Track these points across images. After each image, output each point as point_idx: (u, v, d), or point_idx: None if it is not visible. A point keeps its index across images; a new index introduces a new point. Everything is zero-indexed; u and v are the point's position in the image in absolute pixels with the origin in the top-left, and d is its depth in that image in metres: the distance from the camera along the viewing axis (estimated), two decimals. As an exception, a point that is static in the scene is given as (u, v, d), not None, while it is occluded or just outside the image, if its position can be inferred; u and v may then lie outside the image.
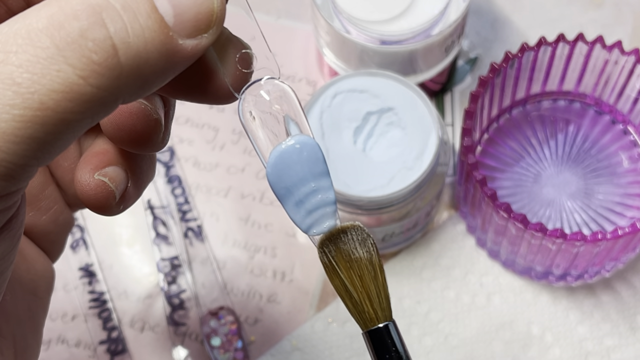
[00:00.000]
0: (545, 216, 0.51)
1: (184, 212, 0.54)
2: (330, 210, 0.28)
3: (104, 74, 0.22)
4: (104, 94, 0.22)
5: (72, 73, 0.22)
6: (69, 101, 0.22)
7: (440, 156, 0.48)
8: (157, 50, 0.23)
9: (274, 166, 0.27)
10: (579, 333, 0.50)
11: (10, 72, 0.22)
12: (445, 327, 0.50)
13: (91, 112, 0.23)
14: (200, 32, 0.24)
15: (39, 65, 0.22)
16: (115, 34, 0.22)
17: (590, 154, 0.52)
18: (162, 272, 0.52)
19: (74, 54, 0.22)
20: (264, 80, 0.27)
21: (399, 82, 0.47)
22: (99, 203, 0.29)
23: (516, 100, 0.53)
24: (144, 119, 0.28)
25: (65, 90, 0.22)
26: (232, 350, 0.50)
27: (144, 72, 0.23)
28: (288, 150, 0.27)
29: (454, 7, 0.50)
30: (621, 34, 0.58)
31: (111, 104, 0.23)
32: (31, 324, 0.33)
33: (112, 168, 0.30)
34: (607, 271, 0.51)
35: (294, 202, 0.28)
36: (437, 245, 0.53)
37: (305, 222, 0.28)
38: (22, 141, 0.22)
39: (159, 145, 0.30)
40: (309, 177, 0.27)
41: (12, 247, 0.25)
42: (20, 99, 0.22)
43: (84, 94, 0.22)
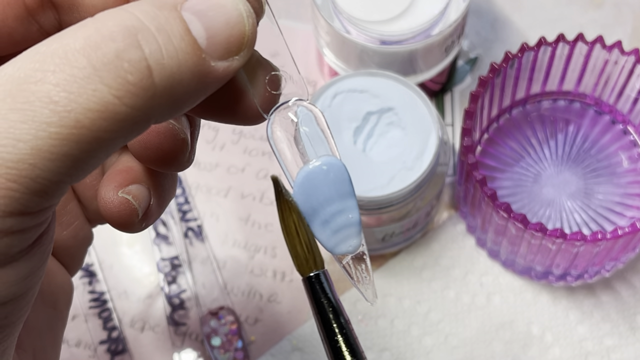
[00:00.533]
0: (545, 216, 0.51)
1: (184, 212, 0.54)
2: (355, 230, 0.29)
3: (139, 94, 0.23)
4: (138, 113, 0.23)
5: (107, 93, 0.22)
6: (104, 120, 0.22)
7: (440, 156, 0.48)
8: (190, 72, 0.24)
9: (300, 186, 0.28)
10: (578, 333, 0.50)
11: (47, 90, 0.22)
12: (446, 327, 0.50)
13: (124, 131, 0.23)
14: (232, 54, 0.24)
15: (75, 85, 0.22)
16: (150, 56, 0.23)
17: (590, 154, 0.52)
18: (162, 272, 0.52)
19: (109, 74, 0.22)
20: (292, 101, 0.28)
21: (399, 82, 0.47)
22: (122, 220, 0.30)
23: (516, 100, 0.53)
24: (172, 138, 0.29)
25: (101, 109, 0.22)
26: (232, 350, 0.50)
27: (177, 93, 0.24)
28: (315, 171, 0.28)
29: (454, 7, 0.50)
30: (621, 34, 0.58)
31: (144, 123, 0.24)
32: (50, 337, 0.33)
33: (135, 186, 0.30)
34: (607, 271, 0.51)
35: (320, 222, 0.28)
36: (437, 245, 0.53)
37: (330, 241, 0.29)
38: (58, 158, 0.22)
39: (184, 164, 0.30)
40: (335, 197, 0.28)
41: (42, 263, 0.26)
42: (57, 117, 0.22)
43: (119, 114, 0.22)
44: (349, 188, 0.28)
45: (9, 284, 0.24)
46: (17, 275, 0.24)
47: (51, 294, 0.34)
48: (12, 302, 0.25)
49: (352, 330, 0.30)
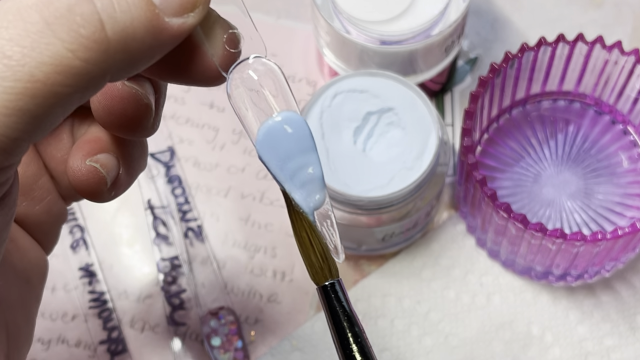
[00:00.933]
0: (545, 216, 0.51)
1: (184, 212, 0.54)
2: (318, 185, 0.29)
3: (92, 47, 0.23)
4: (92, 67, 0.23)
5: (60, 46, 0.23)
6: (58, 74, 0.23)
7: (440, 156, 0.48)
8: (144, 27, 0.24)
9: (261, 143, 0.28)
10: (578, 333, 0.50)
11: (1, 46, 0.22)
12: (445, 327, 0.50)
13: (80, 86, 0.23)
14: (186, 11, 0.25)
15: (28, 39, 0.22)
16: (102, 9, 0.23)
17: (590, 154, 0.52)
18: (162, 272, 0.52)
19: (62, 28, 0.23)
20: (251, 59, 0.28)
21: (399, 82, 0.47)
22: (90, 189, 0.30)
23: (516, 101, 0.53)
24: (135, 103, 0.29)
25: (55, 63, 0.23)
26: (232, 350, 0.50)
27: (131, 48, 0.24)
28: (275, 127, 0.28)
29: (454, 7, 0.50)
30: (621, 34, 0.58)
31: (99, 78, 0.24)
32: (23, 312, 0.33)
33: (103, 155, 0.30)
34: (607, 271, 0.51)
35: (286, 178, 0.28)
36: (437, 245, 0.53)
37: (297, 195, 0.29)
38: (13, 113, 0.22)
39: (149, 130, 0.30)
40: (296, 152, 0.28)
41: (6, 225, 0.26)
42: (10, 71, 0.22)
43: (73, 67, 0.23)
44: (309, 142, 0.28)
45: None
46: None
47: (24, 269, 0.33)
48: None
49: (366, 339, 0.30)
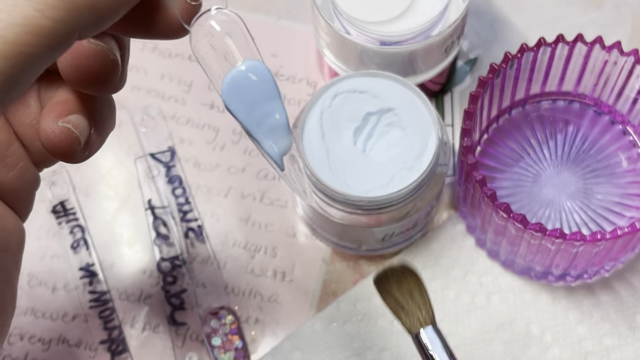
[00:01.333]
0: (544, 216, 0.51)
1: (185, 213, 0.54)
2: (284, 131, 0.29)
3: (59, 6, 0.23)
4: (61, 26, 0.24)
5: (29, 7, 0.23)
6: (28, 34, 0.23)
7: (440, 156, 0.48)
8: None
9: (227, 92, 0.28)
10: (578, 333, 0.50)
11: None
12: (445, 326, 0.50)
13: (50, 44, 0.24)
14: None
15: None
16: None
17: (590, 155, 0.52)
18: (162, 272, 0.52)
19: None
20: (213, 10, 0.28)
21: (398, 82, 0.48)
22: (64, 149, 0.30)
23: (516, 101, 0.53)
24: (101, 59, 0.29)
25: (24, 23, 0.23)
26: (233, 350, 0.50)
27: (97, 4, 0.24)
28: (239, 75, 0.28)
29: (454, 7, 0.50)
30: (620, 35, 0.58)
31: (68, 36, 0.24)
32: (3, 278, 0.33)
33: (75, 116, 0.31)
34: (607, 271, 0.51)
35: (253, 125, 0.29)
36: (436, 245, 0.53)
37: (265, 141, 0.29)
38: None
39: (117, 85, 0.31)
40: (261, 99, 0.29)
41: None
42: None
43: (42, 27, 0.23)
44: (273, 89, 0.29)
45: None
46: None
47: (2, 236, 0.34)
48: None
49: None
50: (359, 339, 0.50)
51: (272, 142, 0.29)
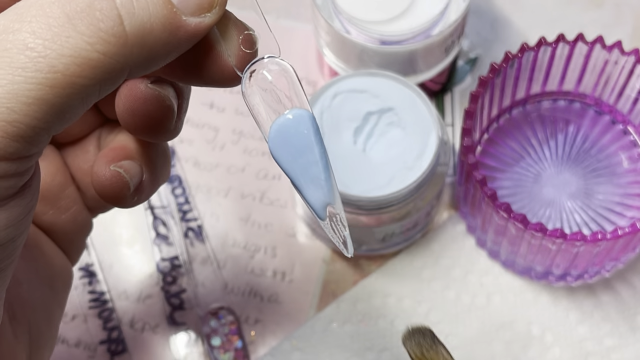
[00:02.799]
0: (545, 216, 0.51)
1: (184, 212, 0.54)
2: (326, 181, 0.30)
3: (110, 41, 0.24)
4: (110, 60, 0.24)
5: (80, 39, 0.24)
6: (77, 65, 0.24)
7: (440, 156, 0.48)
8: (161, 23, 0.25)
9: (274, 140, 0.29)
10: (579, 333, 0.50)
11: (23, 38, 0.24)
12: (446, 327, 0.50)
13: (98, 78, 0.24)
14: (204, 10, 0.26)
15: (50, 33, 0.23)
16: (121, 5, 0.24)
17: (590, 154, 0.52)
18: (162, 272, 0.52)
19: (82, 22, 0.24)
20: (265, 59, 0.29)
21: (399, 82, 0.47)
22: (113, 193, 0.31)
23: (516, 101, 0.53)
24: (158, 105, 0.30)
25: (74, 54, 0.24)
26: (232, 350, 0.50)
27: (148, 43, 0.25)
28: (286, 124, 0.29)
29: (454, 7, 0.50)
30: (621, 34, 0.58)
31: (117, 72, 0.25)
32: (46, 315, 0.34)
33: (127, 161, 0.32)
34: (607, 271, 0.51)
35: (296, 173, 0.29)
36: (437, 246, 0.53)
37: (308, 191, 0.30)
38: (33, 102, 0.23)
39: (171, 133, 0.31)
40: (306, 149, 0.29)
41: (25, 215, 0.27)
42: (32, 62, 0.23)
43: (91, 59, 0.24)
44: (318, 139, 0.29)
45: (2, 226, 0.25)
46: (7, 218, 0.25)
47: (48, 275, 0.34)
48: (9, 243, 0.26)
49: None
50: (359, 339, 0.50)
51: (313, 191, 0.30)
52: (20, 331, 0.32)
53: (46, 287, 0.34)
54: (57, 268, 0.35)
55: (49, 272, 0.35)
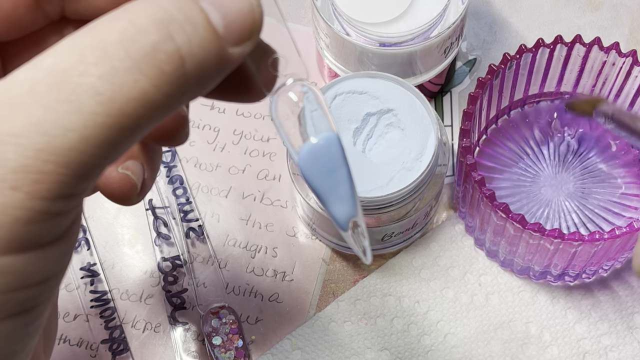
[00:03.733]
0: (543, 216, 0.51)
1: (186, 212, 0.54)
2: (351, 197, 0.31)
3: (173, 82, 0.25)
4: (171, 100, 0.25)
5: (147, 83, 0.24)
6: (144, 108, 0.24)
7: (439, 157, 0.48)
8: (214, 58, 0.26)
9: (304, 161, 0.30)
10: (576, 332, 0.50)
11: (92, 82, 0.24)
12: (444, 326, 0.51)
13: (160, 117, 0.25)
14: (245, 40, 0.27)
15: (117, 77, 0.24)
16: (182, 46, 0.25)
17: (588, 155, 0.53)
18: (163, 272, 0.53)
19: (148, 66, 0.24)
20: (293, 81, 0.30)
21: (398, 83, 0.48)
22: (122, 194, 0.32)
23: (514, 102, 0.53)
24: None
25: (141, 98, 0.24)
26: (233, 350, 0.50)
27: (203, 79, 0.26)
28: (315, 147, 0.30)
29: (453, 9, 0.50)
30: (618, 36, 0.58)
31: (174, 108, 0.26)
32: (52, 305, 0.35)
33: (131, 162, 0.33)
34: (605, 271, 0.51)
35: (326, 192, 0.31)
36: (436, 246, 0.53)
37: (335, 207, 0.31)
38: (102, 145, 0.24)
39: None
40: (334, 169, 0.30)
41: (75, 242, 0.27)
42: (102, 107, 0.24)
43: (156, 102, 0.24)
44: (344, 160, 0.30)
45: (53, 261, 0.26)
46: (59, 253, 0.26)
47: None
48: (54, 279, 0.26)
49: None
50: (359, 338, 0.51)
51: (339, 206, 0.31)
52: None
53: None
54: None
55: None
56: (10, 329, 0.25)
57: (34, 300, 0.26)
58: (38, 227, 0.24)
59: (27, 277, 0.25)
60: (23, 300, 0.25)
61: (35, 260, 0.25)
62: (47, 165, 0.24)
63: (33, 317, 0.26)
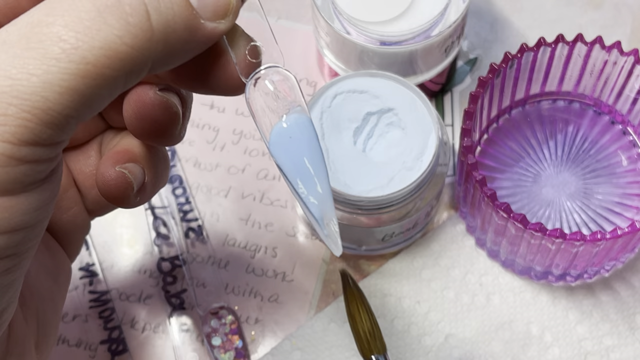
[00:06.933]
0: (544, 216, 0.51)
1: (185, 212, 0.54)
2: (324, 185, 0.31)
3: (138, 35, 0.25)
4: (137, 53, 0.26)
5: (110, 32, 0.25)
6: (107, 57, 0.25)
7: (440, 156, 0.48)
8: (184, 23, 0.27)
9: (274, 144, 0.30)
10: (578, 333, 0.50)
11: (57, 31, 0.25)
12: (445, 327, 0.51)
13: (125, 70, 0.26)
14: (219, 17, 0.28)
15: (82, 25, 0.25)
16: (148, 2, 0.26)
17: (590, 155, 0.52)
18: (162, 272, 0.52)
19: (112, 16, 0.25)
20: (269, 68, 0.31)
21: (398, 82, 0.48)
22: (118, 193, 0.33)
23: (515, 101, 0.53)
24: (165, 110, 0.32)
25: (104, 47, 0.25)
26: (233, 350, 0.50)
27: (171, 40, 0.27)
28: (284, 130, 0.30)
29: (454, 8, 0.50)
30: (620, 35, 0.58)
31: (142, 65, 0.26)
32: (51, 305, 0.36)
33: (131, 164, 0.33)
34: (607, 271, 0.51)
35: (295, 177, 0.31)
36: (436, 246, 0.53)
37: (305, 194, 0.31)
38: (66, 92, 0.25)
39: (176, 138, 0.34)
40: (304, 153, 0.30)
41: (51, 200, 0.28)
42: (65, 54, 0.25)
43: (120, 52, 0.25)
44: (315, 144, 0.31)
45: (21, 212, 0.26)
46: (29, 205, 0.26)
47: (53, 267, 0.36)
48: (23, 231, 0.27)
49: None
50: (359, 339, 0.50)
51: (312, 196, 0.31)
52: (29, 316, 0.34)
53: (51, 279, 0.36)
54: (59, 263, 0.37)
55: (53, 266, 0.36)
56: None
57: (4, 250, 0.26)
58: (2, 171, 0.25)
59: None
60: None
61: (1, 207, 0.26)
62: (10, 108, 0.24)
63: (4, 267, 0.27)
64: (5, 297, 0.28)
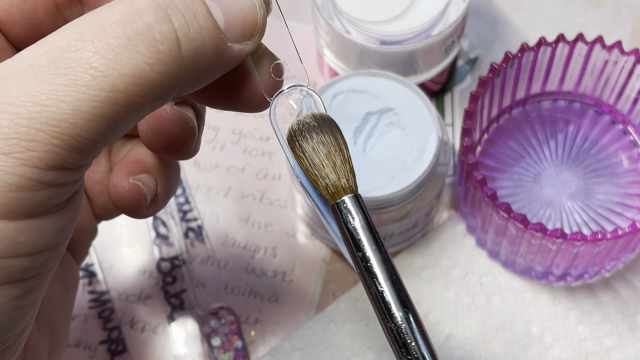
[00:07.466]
0: (545, 216, 0.51)
1: (185, 212, 0.54)
2: None
3: (168, 62, 0.25)
4: (166, 81, 0.26)
5: (140, 60, 0.25)
6: (137, 85, 0.25)
7: (440, 156, 0.48)
8: (212, 47, 0.27)
9: (297, 167, 0.31)
10: (578, 333, 0.50)
11: (87, 57, 0.25)
12: (445, 327, 0.50)
13: (153, 96, 0.26)
14: (245, 38, 0.28)
15: (112, 53, 0.25)
16: (179, 29, 0.26)
17: (590, 154, 0.52)
18: (162, 272, 0.52)
19: (143, 44, 0.25)
20: (293, 87, 0.31)
21: (398, 82, 0.47)
22: (131, 205, 0.33)
23: (516, 101, 0.53)
24: (181, 125, 0.32)
25: (134, 74, 0.25)
26: (232, 350, 0.50)
27: (200, 66, 0.26)
28: None
29: (454, 7, 0.50)
30: (621, 34, 0.58)
31: (170, 91, 0.26)
32: (62, 313, 0.36)
33: (144, 175, 0.33)
34: (607, 271, 0.51)
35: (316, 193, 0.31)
36: (437, 246, 0.53)
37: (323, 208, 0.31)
38: (95, 119, 0.25)
39: (191, 152, 0.34)
40: None
41: (73, 220, 0.28)
42: (95, 81, 0.25)
43: (149, 80, 0.25)
44: None
45: (46, 234, 0.26)
46: (53, 227, 0.26)
47: (63, 274, 0.36)
48: (47, 252, 0.27)
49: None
50: (359, 339, 0.50)
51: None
52: (42, 327, 0.34)
53: (61, 287, 0.36)
54: (68, 270, 0.37)
55: (63, 272, 0.36)
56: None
57: (25, 272, 0.26)
58: (29, 195, 0.25)
59: (18, 246, 0.25)
60: (13, 269, 0.26)
61: (26, 230, 0.25)
62: (39, 134, 0.24)
63: (24, 290, 0.27)
64: (27, 316, 0.28)
